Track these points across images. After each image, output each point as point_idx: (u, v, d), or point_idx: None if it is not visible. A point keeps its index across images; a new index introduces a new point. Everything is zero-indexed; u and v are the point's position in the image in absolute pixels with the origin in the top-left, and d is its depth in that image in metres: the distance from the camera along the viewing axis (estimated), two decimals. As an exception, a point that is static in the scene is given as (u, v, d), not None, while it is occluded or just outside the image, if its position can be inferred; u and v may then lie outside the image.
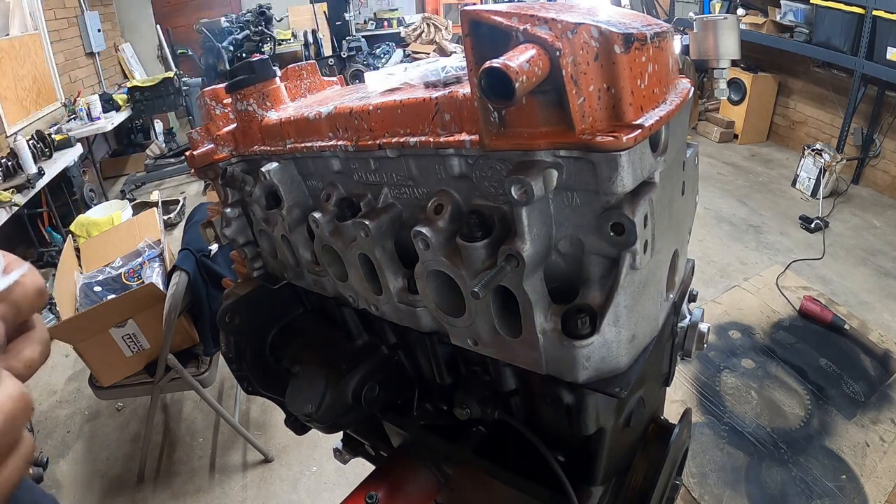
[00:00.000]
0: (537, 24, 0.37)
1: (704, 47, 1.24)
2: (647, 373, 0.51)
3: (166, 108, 6.07)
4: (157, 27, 7.01)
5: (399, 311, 0.59)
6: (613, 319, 0.43)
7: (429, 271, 0.51)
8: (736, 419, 2.15)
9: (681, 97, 0.43)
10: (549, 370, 0.47)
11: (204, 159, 0.73)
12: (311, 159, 0.63)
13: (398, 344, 0.68)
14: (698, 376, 2.35)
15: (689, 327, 0.59)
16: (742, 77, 5.02)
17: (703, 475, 1.94)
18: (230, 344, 0.81)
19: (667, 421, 0.63)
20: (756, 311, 2.71)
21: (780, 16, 4.46)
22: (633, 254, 0.41)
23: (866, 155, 4.27)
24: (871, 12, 3.65)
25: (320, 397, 0.66)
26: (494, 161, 0.45)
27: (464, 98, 0.45)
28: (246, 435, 2.33)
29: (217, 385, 2.72)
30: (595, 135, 0.38)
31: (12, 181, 3.71)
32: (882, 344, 2.47)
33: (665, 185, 0.44)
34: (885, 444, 2.02)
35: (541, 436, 0.52)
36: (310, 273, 0.69)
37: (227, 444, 2.48)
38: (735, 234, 3.78)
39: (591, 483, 0.56)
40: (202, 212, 2.36)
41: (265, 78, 0.68)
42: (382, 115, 0.52)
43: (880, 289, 3.14)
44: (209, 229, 0.80)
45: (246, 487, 2.28)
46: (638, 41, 0.38)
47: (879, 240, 3.65)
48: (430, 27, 7.66)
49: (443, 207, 0.50)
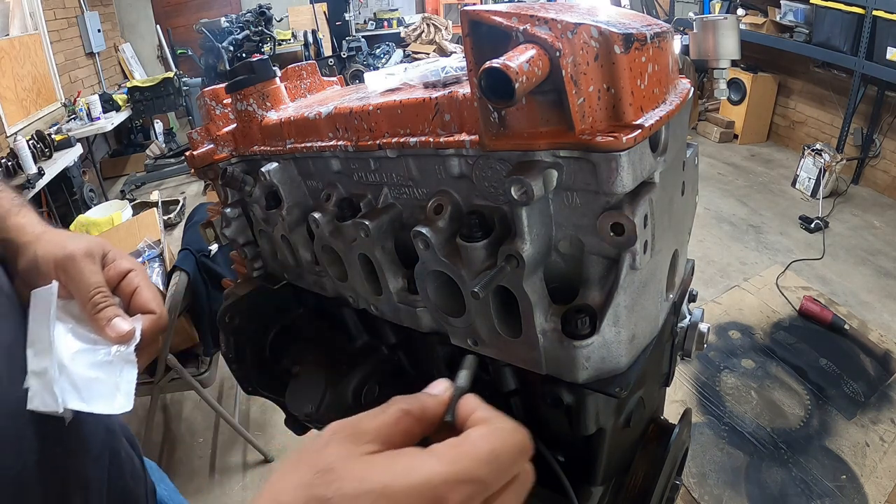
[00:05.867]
0: (537, 25, 0.37)
1: (704, 47, 1.24)
2: (646, 373, 0.51)
3: (166, 109, 6.07)
4: (157, 27, 7.01)
5: (399, 312, 0.59)
6: (613, 319, 0.43)
7: (429, 271, 0.51)
8: (736, 419, 2.15)
9: (681, 97, 0.43)
10: (549, 370, 0.47)
11: (204, 159, 0.73)
12: (310, 159, 0.63)
13: (398, 344, 0.68)
14: (698, 376, 2.36)
15: (689, 327, 0.59)
16: (742, 77, 5.02)
17: (703, 475, 1.94)
18: (230, 344, 0.81)
19: (667, 421, 0.63)
20: (756, 311, 2.71)
21: (780, 16, 4.46)
22: (633, 254, 0.41)
23: (866, 155, 4.27)
24: (871, 12, 3.64)
25: (320, 397, 0.66)
26: (494, 161, 0.45)
27: (464, 98, 0.45)
28: (246, 435, 2.33)
29: (217, 385, 2.71)
30: (595, 135, 0.38)
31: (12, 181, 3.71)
32: (882, 344, 2.47)
33: (665, 186, 0.44)
34: (885, 444, 2.02)
35: (540, 436, 0.52)
36: (310, 273, 0.69)
37: (227, 444, 2.48)
38: (735, 234, 3.78)
39: (591, 483, 0.56)
40: (202, 212, 2.36)
41: (265, 78, 0.68)
42: (382, 115, 0.52)
43: (880, 289, 3.14)
44: (209, 229, 0.80)
45: (246, 487, 2.28)
46: (638, 41, 0.38)
47: (879, 240, 3.65)
48: (430, 27, 7.66)
49: (443, 207, 0.50)
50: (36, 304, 0.52)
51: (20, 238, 0.58)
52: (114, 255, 0.59)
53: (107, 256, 0.58)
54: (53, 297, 0.52)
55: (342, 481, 0.30)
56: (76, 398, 0.48)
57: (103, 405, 0.49)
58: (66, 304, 0.54)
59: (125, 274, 0.58)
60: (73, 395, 0.48)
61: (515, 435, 0.34)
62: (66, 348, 0.51)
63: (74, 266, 0.54)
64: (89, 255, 0.56)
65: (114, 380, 0.51)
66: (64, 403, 0.47)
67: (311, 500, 0.29)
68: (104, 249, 0.58)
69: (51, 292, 0.52)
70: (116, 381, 0.51)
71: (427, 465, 0.30)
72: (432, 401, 0.38)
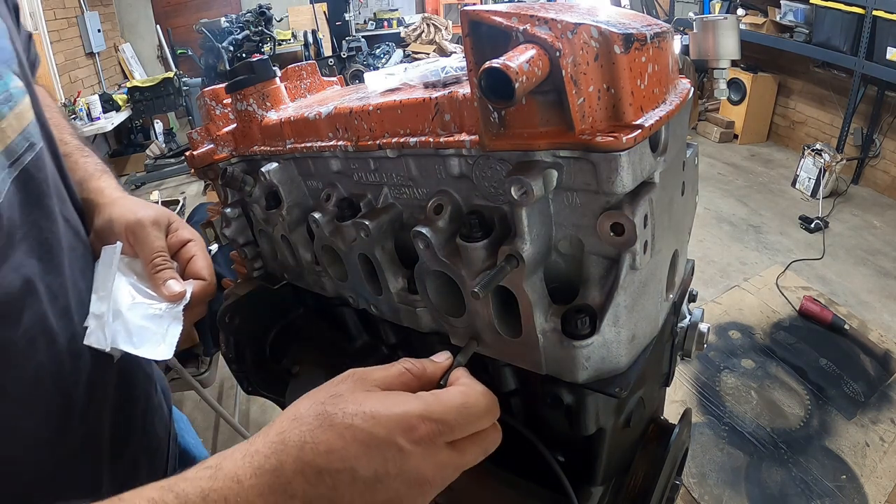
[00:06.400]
0: (537, 25, 0.37)
1: (704, 47, 1.23)
2: (646, 373, 0.51)
3: (166, 109, 6.06)
4: (157, 27, 7.00)
5: (399, 312, 0.59)
6: (613, 319, 0.43)
7: (429, 271, 0.51)
8: (736, 419, 2.15)
9: (681, 97, 0.43)
10: (549, 370, 0.47)
11: (204, 159, 0.74)
12: (310, 159, 0.63)
13: (398, 344, 0.68)
14: (698, 376, 2.36)
15: (689, 327, 0.59)
16: (742, 77, 5.02)
17: (703, 475, 1.94)
18: (230, 344, 0.81)
19: (667, 421, 0.63)
20: (756, 312, 2.71)
21: (780, 16, 4.46)
22: (633, 254, 0.41)
23: (866, 155, 4.27)
24: (871, 12, 3.64)
25: (320, 397, 0.66)
26: (494, 161, 0.45)
27: (464, 98, 0.45)
28: (246, 435, 2.32)
29: (217, 385, 2.71)
30: (595, 135, 0.38)
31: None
32: (882, 344, 2.47)
33: (665, 186, 0.44)
34: (885, 444, 2.02)
35: (541, 436, 0.52)
36: (310, 273, 0.69)
37: (227, 444, 2.46)
38: (735, 234, 3.78)
39: (591, 483, 0.56)
40: (202, 212, 2.36)
41: (265, 78, 0.68)
42: (382, 115, 0.52)
43: (880, 289, 3.14)
44: (209, 229, 0.80)
45: (246, 487, 2.28)
46: (638, 41, 0.38)
47: (879, 240, 3.65)
48: (430, 27, 7.66)
49: (443, 207, 0.50)
50: (103, 258, 0.61)
51: (99, 199, 0.68)
52: (177, 226, 0.67)
53: (171, 226, 0.67)
54: (117, 254, 0.61)
55: (346, 403, 0.40)
56: (127, 342, 0.56)
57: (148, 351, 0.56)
58: (131, 262, 0.63)
59: (185, 243, 0.66)
60: (124, 339, 0.56)
61: (485, 397, 0.43)
62: (125, 299, 0.59)
63: (143, 231, 0.62)
64: (156, 223, 0.64)
65: (161, 331, 0.58)
66: (114, 344, 0.55)
67: (320, 413, 0.39)
68: (170, 219, 0.67)
69: (116, 250, 0.61)
70: (164, 332, 0.58)
71: (409, 403, 0.40)
72: (432, 366, 0.47)
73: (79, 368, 0.57)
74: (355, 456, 0.37)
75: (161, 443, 0.77)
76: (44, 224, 0.55)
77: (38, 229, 0.54)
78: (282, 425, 0.40)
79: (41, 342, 0.52)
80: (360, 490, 0.37)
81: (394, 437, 0.38)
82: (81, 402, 0.57)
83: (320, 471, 0.37)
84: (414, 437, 0.38)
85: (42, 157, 0.58)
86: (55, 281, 0.55)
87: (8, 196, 0.51)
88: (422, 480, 0.39)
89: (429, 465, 0.39)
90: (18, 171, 0.53)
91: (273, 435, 0.39)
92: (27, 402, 0.52)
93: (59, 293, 0.56)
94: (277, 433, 0.39)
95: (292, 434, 0.39)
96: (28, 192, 0.54)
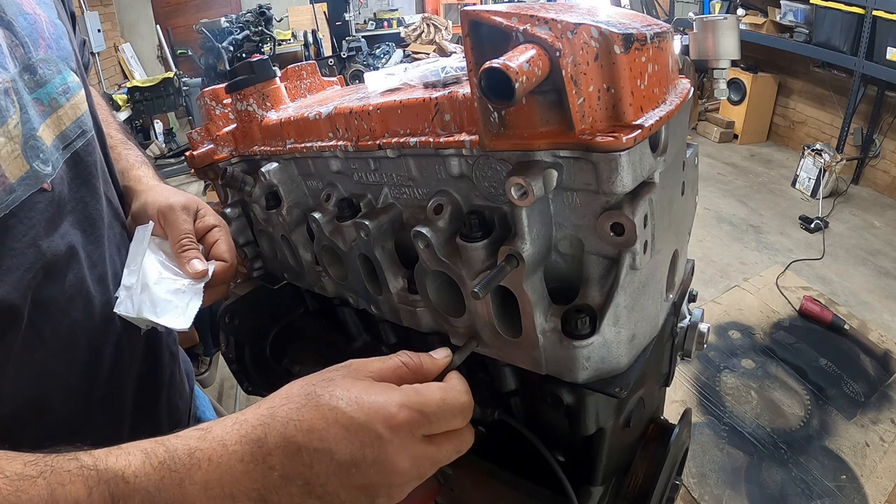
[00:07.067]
0: (537, 25, 0.37)
1: (704, 47, 1.23)
2: (646, 373, 0.51)
3: (166, 109, 6.05)
4: (157, 27, 7.01)
5: (399, 312, 0.59)
6: (613, 319, 0.43)
7: (429, 271, 0.51)
8: (736, 419, 2.15)
9: (681, 97, 0.43)
10: (549, 370, 0.47)
11: (204, 159, 0.74)
12: (310, 159, 0.63)
13: (398, 344, 0.68)
14: (698, 376, 2.35)
15: (688, 327, 0.59)
16: (742, 77, 5.02)
17: (703, 475, 1.94)
18: (230, 344, 0.81)
19: (667, 421, 0.63)
20: (756, 312, 2.71)
21: (780, 16, 4.46)
22: (633, 254, 0.41)
23: (866, 155, 4.27)
24: (871, 12, 3.64)
25: (320, 397, 0.66)
26: (494, 161, 0.45)
27: (464, 98, 0.45)
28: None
29: (217, 385, 2.71)
30: (595, 135, 0.38)
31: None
32: (882, 344, 2.47)
33: (665, 186, 0.44)
34: (885, 444, 2.02)
35: (541, 436, 0.52)
36: (310, 273, 0.69)
37: (227, 445, 2.47)
38: (735, 235, 3.78)
39: (591, 483, 0.56)
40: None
41: (265, 78, 0.68)
42: (382, 115, 0.52)
43: (880, 289, 3.14)
44: (209, 229, 0.80)
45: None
46: (638, 41, 0.38)
47: (879, 240, 3.65)
48: (430, 27, 7.65)
49: (443, 207, 0.50)
50: (137, 237, 0.68)
51: (137, 187, 0.76)
52: (205, 212, 0.73)
53: (199, 211, 0.72)
54: (148, 233, 0.67)
55: (335, 387, 0.42)
56: (151, 312, 0.61)
57: (169, 320, 0.62)
58: (161, 242, 0.69)
59: (211, 228, 0.72)
60: (149, 309, 0.61)
61: (463, 396, 0.46)
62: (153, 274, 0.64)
63: (173, 214, 0.69)
64: (185, 208, 0.70)
65: (183, 304, 0.64)
66: (140, 313, 0.61)
67: (309, 393, 0.42)
68: (198, 206, 0.72)
69: (147, 230, 0.67)
70: (185, 306, 0.64)
71: (392, 393, 0.43)
72: (430, 361, 0.48)
73: (109, 331, 0.64)
74: (335, 438, 0.40)
75: (182, 416, 0.83)
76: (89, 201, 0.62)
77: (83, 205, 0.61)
78: (273, 401, 0.43)
79: (79, 302, 0.59)
80: (334, 471, 0.40)
81: (373, 423, 0.40)
82: (109, 360, 0.64)
83: (300, 448, 0.40)
84: (392, 423, 0.41)
85: (92, 144, 0.64)
86: (95, 251, 0.62)
87: (60, 174, 0.57)
88: (397, 470, 0.41)
89: (405, 456, 0.41)
90: (71, 154, 0.60)
91: (264, 409, 0.42)
92: (63, 352, 0.58)
93: (98, 262, 0.63)
94: (268, 407, 0.42)
95: (280, 410, 0.41)
96: (78, 172, 0.61)
